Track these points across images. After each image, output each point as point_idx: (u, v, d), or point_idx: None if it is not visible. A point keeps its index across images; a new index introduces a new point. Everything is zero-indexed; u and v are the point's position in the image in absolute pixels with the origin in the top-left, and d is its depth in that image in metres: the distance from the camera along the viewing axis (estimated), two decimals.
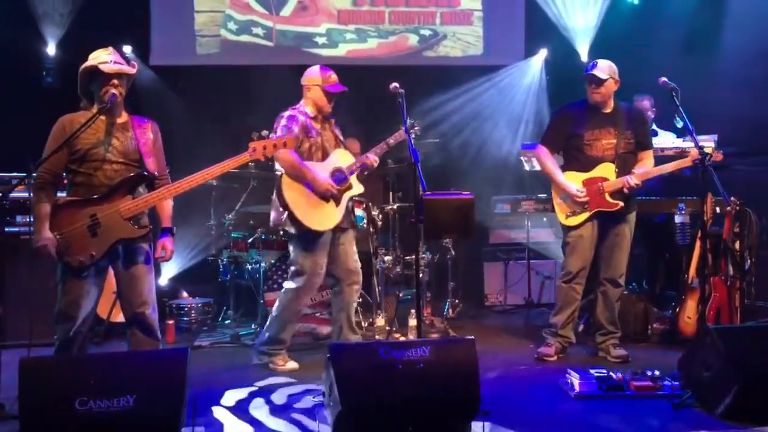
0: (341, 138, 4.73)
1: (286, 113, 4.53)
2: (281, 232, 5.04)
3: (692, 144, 4.26)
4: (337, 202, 4.49)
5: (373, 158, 4.59)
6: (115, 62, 3.59)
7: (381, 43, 7.31)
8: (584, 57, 7.40)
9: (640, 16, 7.24)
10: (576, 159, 4.67)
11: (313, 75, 4.58)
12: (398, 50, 7.34)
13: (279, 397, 3.92)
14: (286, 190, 4.40)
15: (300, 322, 4.99)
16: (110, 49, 3.68)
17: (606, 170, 4.58)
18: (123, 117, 3.68)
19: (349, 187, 4.57)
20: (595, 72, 4.54)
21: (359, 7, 7.28)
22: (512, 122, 7.50)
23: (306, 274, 4.49)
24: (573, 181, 4.62)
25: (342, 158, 4.58)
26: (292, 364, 4.55)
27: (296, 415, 3.62)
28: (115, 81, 3.56)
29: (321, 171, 4.45)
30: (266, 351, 4.58)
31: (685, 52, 6.52)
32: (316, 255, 4.49)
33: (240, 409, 3.73)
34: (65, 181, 3.64)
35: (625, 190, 4.50)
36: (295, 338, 5.22)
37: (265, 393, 4.01)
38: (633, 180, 4.48)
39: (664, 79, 4.25)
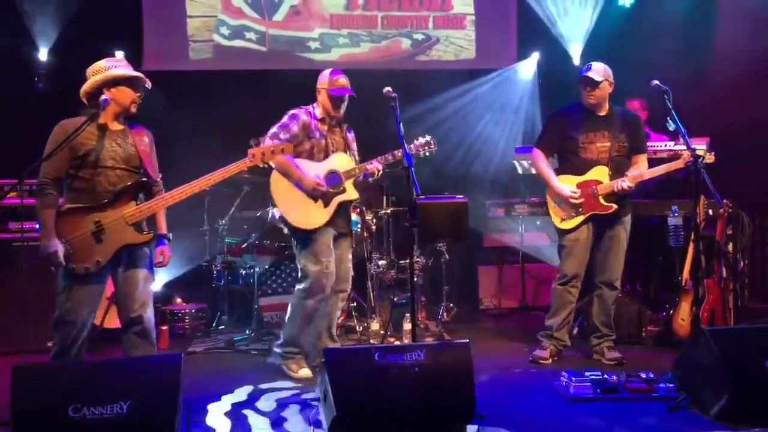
0: (351, 145, 4.66)
1: (291, 111, 4.49)
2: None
3: (684, 146, 4.27)
4: (326, 203, 4.41)
5: (376, 166, 4.52)
6: None
7: (374, 48, 7.32)
8: (576, 60, 7.44)
9: (632, 19, 7.26)
10: (570, 162, 4.67)
11: (322, 78, 4.55)
12: (391, 54, 7.34)
13: (273, 403, 3.90)
14: (273, 185, 4.41)
15: None
16: (124, 61, 3.76)
17: (599, 173, 4.58)
18: (121, 124, 3.70)
19: (342, 191, 4.48)
20: (590, 74, 4.54)
21: (352, 12, 7.28)
22: (505, 126, 7.51)
23: (310, 275, 4.39)
24: (567, 185, 4.62)
25: (341, 162, 4.50)
26: (305, 372, 4.43)
27: (291, 421, 3.60)
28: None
29: (314, 170, 4.38)
30: (282, 353, 4.49)
31: (677, 55, 6.54)
32: (318, 255, 4.38)
33: (234, 415, 3.71)
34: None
35: (615, 190, 4.51)
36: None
37: (260, 398, 3.99)
38: (624, 183, 4.48)
39: (656, 81, 4.26)
